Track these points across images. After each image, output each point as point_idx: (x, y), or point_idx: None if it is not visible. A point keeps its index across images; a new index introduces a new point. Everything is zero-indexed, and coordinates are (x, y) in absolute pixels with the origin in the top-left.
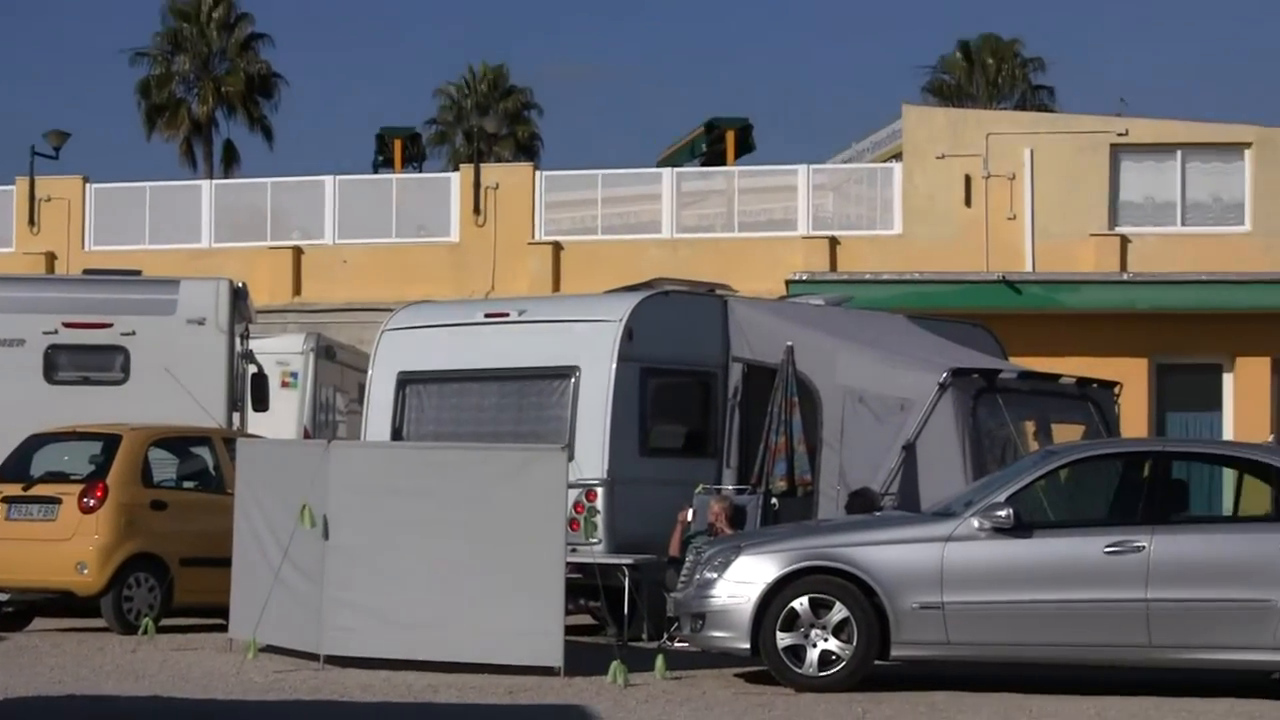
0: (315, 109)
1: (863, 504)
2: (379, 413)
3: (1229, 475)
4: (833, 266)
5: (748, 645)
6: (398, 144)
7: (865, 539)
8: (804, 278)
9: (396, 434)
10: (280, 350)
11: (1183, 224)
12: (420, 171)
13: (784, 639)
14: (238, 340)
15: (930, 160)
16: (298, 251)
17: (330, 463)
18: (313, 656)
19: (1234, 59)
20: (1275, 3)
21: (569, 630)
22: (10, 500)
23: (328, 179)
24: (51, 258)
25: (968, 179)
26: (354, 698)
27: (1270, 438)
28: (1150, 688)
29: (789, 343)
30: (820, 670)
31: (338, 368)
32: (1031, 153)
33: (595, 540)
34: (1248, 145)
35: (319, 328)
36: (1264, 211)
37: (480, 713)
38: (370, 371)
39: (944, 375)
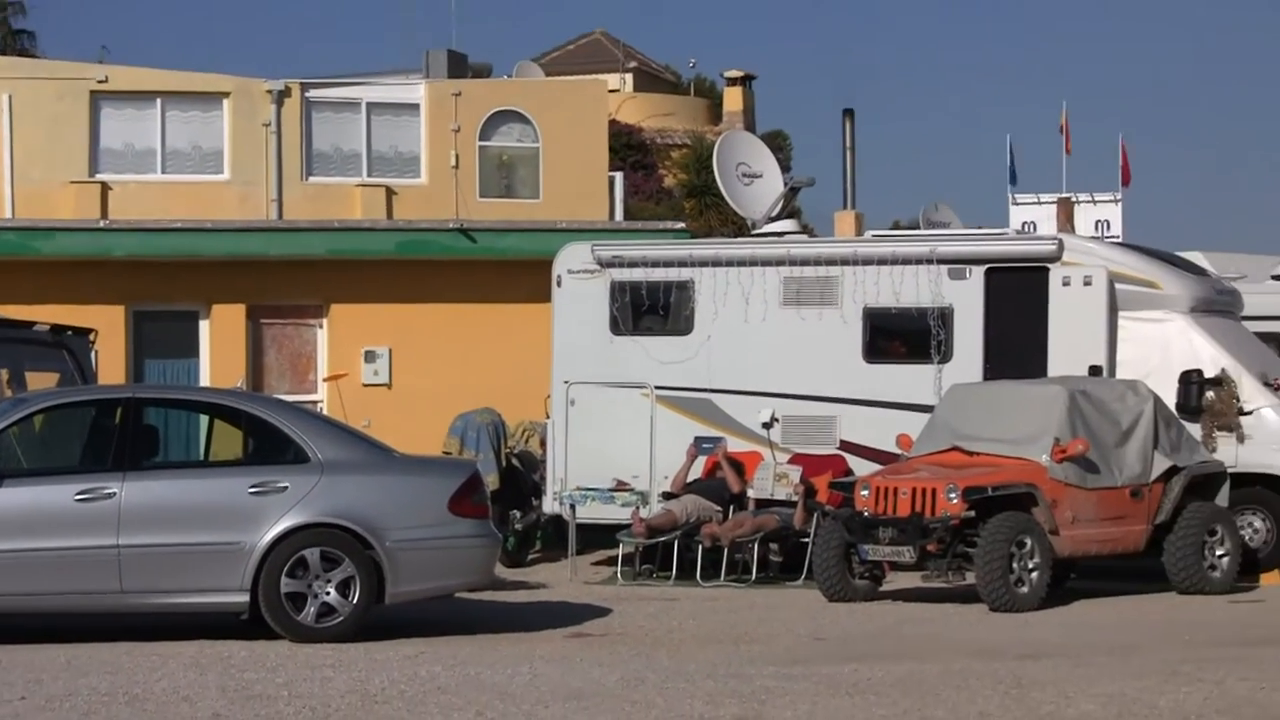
0: None
1: None
2: None
3: (204, 420)
4: None
5: None
6: None
7: None
8: None
9: None
10: None
11: (163, 171)
12: None
13: None
14: None
15: None
16: None
17: None
18: None
19: (210, 8)
20: None
21: None
22: None
23: None
24: None
25: None
26: None
27: (239, 383)
28: (123, 633)
29: None
30: None
31: None
32: (10, 98)
33: None
34: (226, 95)
35: None
36: (241, 160)
37: None
38: None
39: None
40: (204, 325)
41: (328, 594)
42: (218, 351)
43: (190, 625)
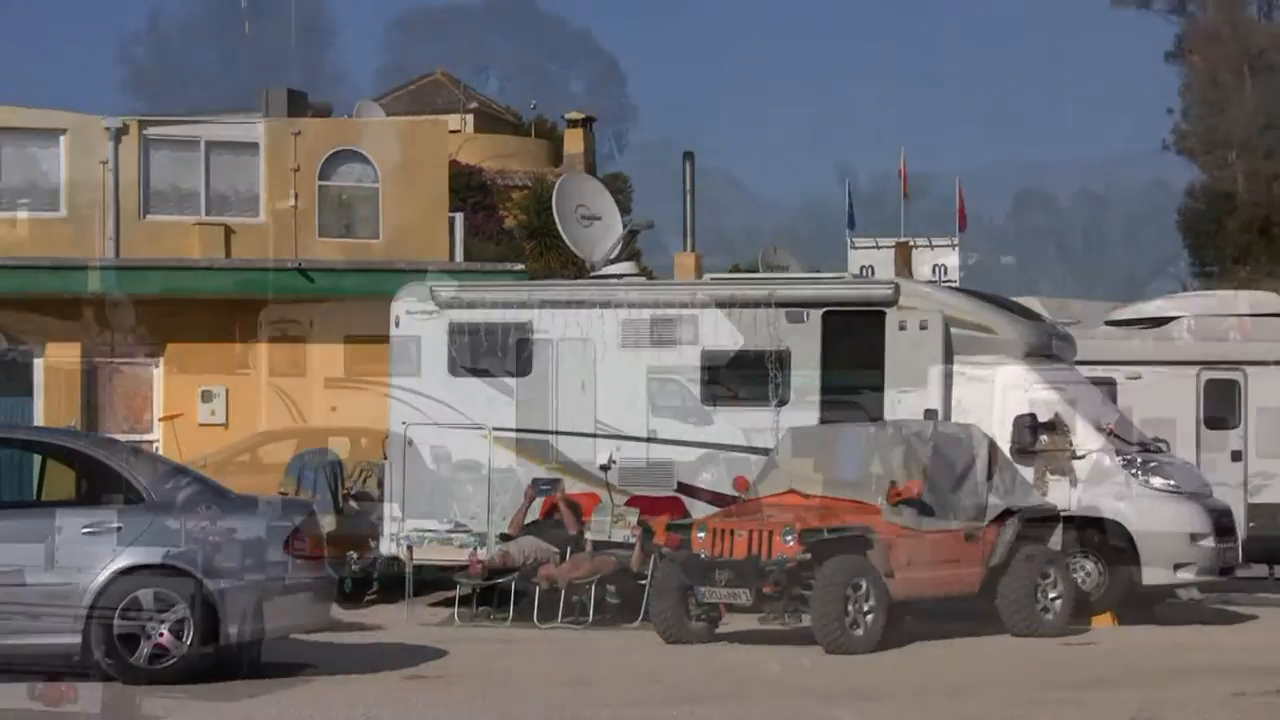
0: None
1: None
2: None
3: (37, 460)
4: None
5: None
6: None
7: None
8: None
9: None
10: None
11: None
12: None
13: None
14: None
15: None
16: None
17: None
18: None
19: (42, 48)
20: None
21: None
22: None
23: None
24: None
25: None
26: None
27: (72, 422)
28: None
29: None
30: None
31: None
32: None
33: None
34: (63, 131)
35: None
36: (78, 198)
37: None
38: None
39: None
40: (38, 364)
41: (161, 635)
42: (52, 390)
43: (22, 665)
